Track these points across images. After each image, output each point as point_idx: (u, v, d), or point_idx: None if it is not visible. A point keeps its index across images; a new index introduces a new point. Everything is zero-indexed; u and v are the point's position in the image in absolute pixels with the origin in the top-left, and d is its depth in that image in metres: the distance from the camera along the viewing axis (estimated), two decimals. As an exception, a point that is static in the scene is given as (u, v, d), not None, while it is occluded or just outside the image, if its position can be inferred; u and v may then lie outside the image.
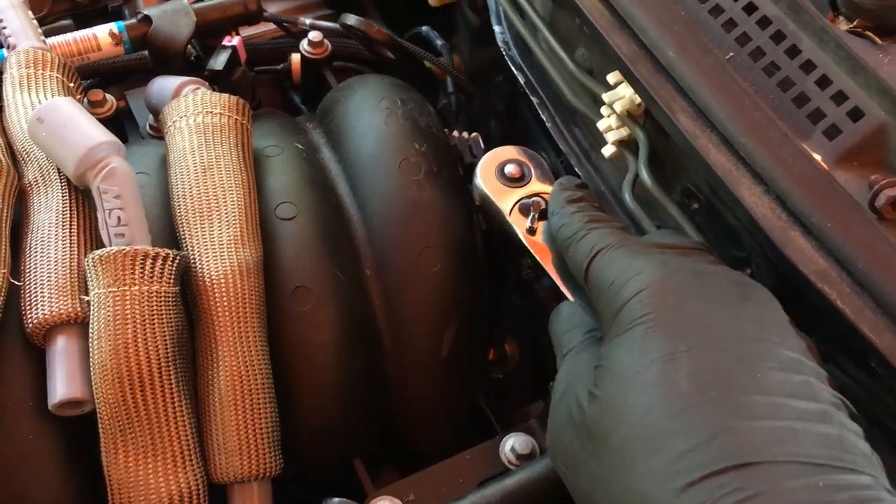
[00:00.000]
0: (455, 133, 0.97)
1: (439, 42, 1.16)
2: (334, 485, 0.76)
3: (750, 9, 0.71)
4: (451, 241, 0.80)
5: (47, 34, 0.91)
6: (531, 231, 0.75)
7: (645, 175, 0.74)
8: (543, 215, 0.76)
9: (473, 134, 0.98)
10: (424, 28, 1.19)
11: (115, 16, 1.23)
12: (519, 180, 0.80)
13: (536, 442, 0.77)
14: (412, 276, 0.79)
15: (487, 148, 0.96)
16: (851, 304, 0.59)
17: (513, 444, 0.77)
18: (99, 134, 0.71)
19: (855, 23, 0.71)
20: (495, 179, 0.80)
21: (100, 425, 0.66)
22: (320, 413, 0.75)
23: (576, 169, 0.86)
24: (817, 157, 0.65)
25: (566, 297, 0.71)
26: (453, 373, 0.80)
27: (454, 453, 0.79)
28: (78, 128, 0.71)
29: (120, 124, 0.97)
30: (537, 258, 0.74)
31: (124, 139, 0.97)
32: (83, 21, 1.20)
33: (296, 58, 1.06)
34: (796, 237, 0.62)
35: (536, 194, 0.78)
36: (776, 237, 0.62)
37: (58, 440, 0.67)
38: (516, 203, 0.77)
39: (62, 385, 0.65)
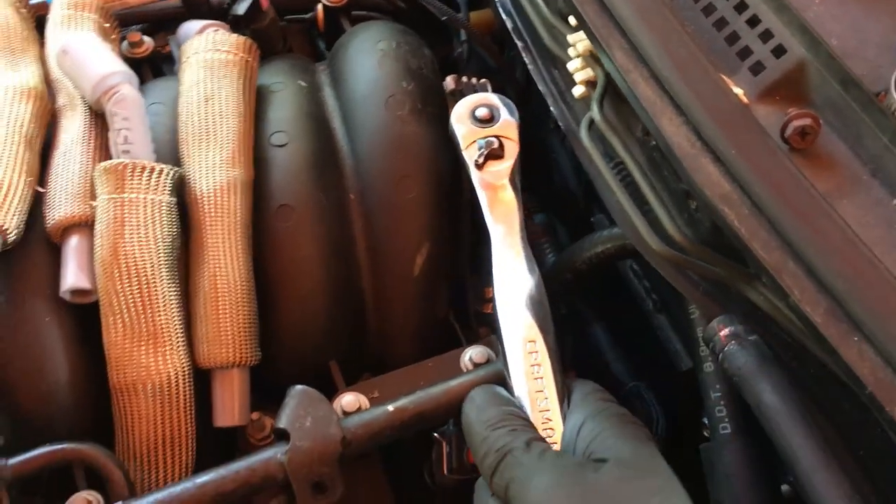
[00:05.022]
0: (464, 78, 1.04)
1: (460, -7, 1.23)
2: (311, 384, 0.85)
3: (696, -48, 0.76)
4: (428, 172, 0.88)
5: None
6: (478, 165, 0.81)
7: (596, 112, 0.79)
8: (492, 154, 0.82)
9: (482, 80, 1.05)
10: (447, -21, 1.26)
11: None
12: (488, 122, 0.86)
13: (493, 352, 0.84)
14: (389, 202, 0.87)
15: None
16: (747, 225, 0.64)
17: (471, 354, 0.85)
18: (113, 64, 0.82)
19: (800, -36, 0.74)
20: (467, 119, 0.87)
21: (101, 311, 0.77)
22: (297, 316, 0.85)
23: (552, 108, 0.92)
24: (740, 91, 0.70)
25: None
26: (423, 291, 0.89)
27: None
28: (95, 59, 0.82)
29: (158, 64, 1.09)
30: (477, 188, 0.80)
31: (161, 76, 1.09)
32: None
33: (320, 7, 1.15)
34: (706, 164, 0.67)
35: (494, 136, 0.84)
36: (687, 164, 0.67)
37: (69, 322, 0.79)
38: (475, 140, 0.84)
39: (71, 275, 0.77)
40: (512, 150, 0.83)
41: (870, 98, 0.64)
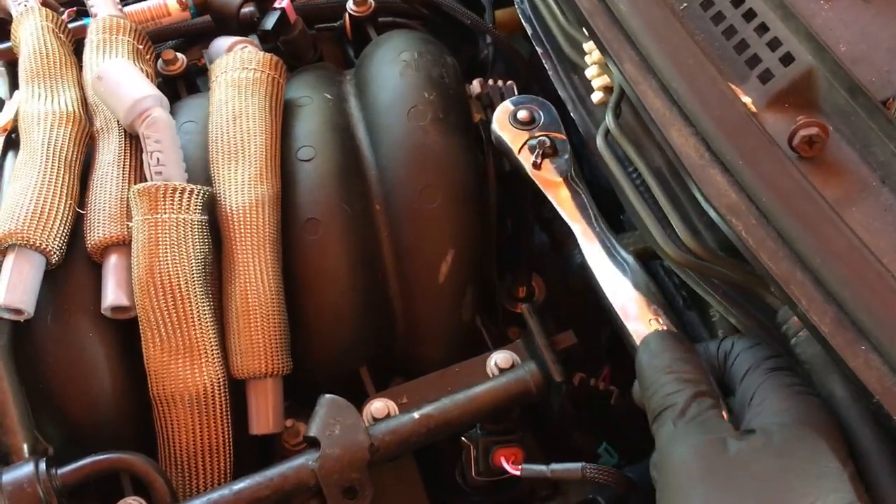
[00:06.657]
0: (490, 81, 1.06)
1: (485, -4, 1.24)
2: (343, 390, 0.88)
3: (704, -39, 0.76)
4: (451, 180, 0.90)
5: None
6: (536, 165, 0.84)
7: (610, 121, 0.80)
8: (548, 153, 0.85)
9: (509, 82, 1.07)
10: (472, -18, 1.27)
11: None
12: (529, 124, 0.89)
13: (518, 357, 0.87)
14: (412, 212, 0.90)
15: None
16: (755, 235, 0.65)
17: (496, 359, 0.87)
18: (145, 89, 0.86)
19: (812, -31, 0.74)
20: (508, 123, 0.89)
21: (140, 326, 0.81)
22: (327, 325, 0.88)
23: (571, 114, 0.93)
24: (748, 100, 0.70)
25: None
26: (449, 297, 0.91)
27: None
28: (128, 84, 0.86)
29: (192, 79, 1.12)
30: (542, 189, 0.83)
31: (196, 91, 1.12)
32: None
33: (347, 16, 1.17)
34: (714, 174, 0.68)
35: (544, 135, 0.86)
36: (696, 175, 0.68)
37: (112, 336, 0.83)
38: (525, 143, 0.86)
39: (111, 293, 0.82)
40: (563, 145, 0.86)
41: (876, 105, 0.64)
